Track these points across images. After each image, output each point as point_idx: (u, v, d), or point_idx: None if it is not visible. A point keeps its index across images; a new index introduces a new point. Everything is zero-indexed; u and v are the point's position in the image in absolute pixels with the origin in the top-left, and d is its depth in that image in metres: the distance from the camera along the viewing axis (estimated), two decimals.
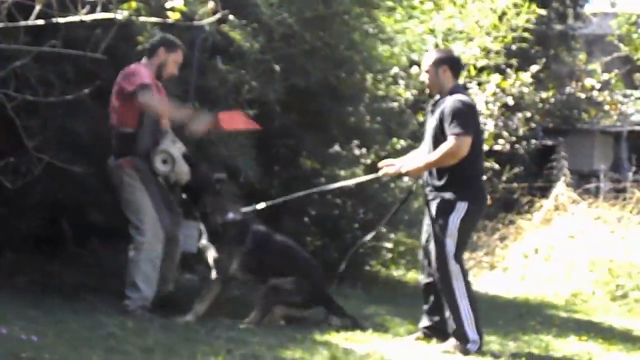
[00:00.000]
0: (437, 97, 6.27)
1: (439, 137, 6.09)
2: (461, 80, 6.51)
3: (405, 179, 9.67)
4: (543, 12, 12.52)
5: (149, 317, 6.23)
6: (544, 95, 15.48)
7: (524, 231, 11.92)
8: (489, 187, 5.89)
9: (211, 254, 6.62)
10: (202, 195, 6.62)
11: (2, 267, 7.15)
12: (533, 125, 15.93)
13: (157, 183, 6.57)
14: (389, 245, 10.12)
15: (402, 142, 9.89)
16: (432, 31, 11.13)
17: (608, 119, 18.72)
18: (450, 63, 6.25)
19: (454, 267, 6.01)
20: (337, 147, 9.20)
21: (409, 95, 11.28)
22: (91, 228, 7.36)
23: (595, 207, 12.07)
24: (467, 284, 6.07)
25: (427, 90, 6.48)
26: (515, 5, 12.07)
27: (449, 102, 6.09)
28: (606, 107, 18.11)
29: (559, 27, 17.39)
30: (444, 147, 6.03)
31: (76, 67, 6.83)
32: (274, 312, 6.58)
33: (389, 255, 10.25)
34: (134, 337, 5.52)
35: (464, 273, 6.08)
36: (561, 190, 12.58)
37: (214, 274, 6.60)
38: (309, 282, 6.69)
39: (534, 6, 12.08)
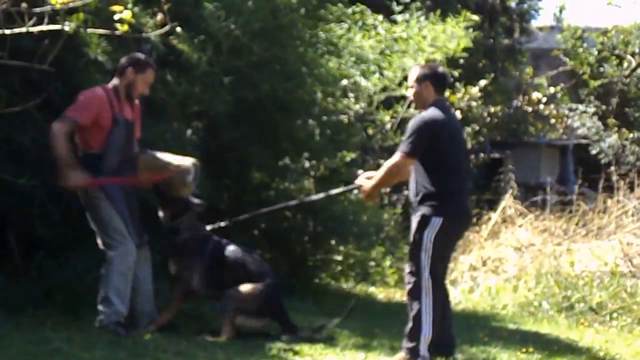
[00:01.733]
0: None
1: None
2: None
3: (355, 191, 9.70)
4: (475, 17, 12.44)
5: (122, 332, 6.20)
6: (491, 109, 15.64)
7: (471, 244, 12.01)
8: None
9: (173, 268, 6.71)
10: (181, 214, 6.72)
11: None
12: (481, 138, 16.08)
13: (126, 203, 6.52)
14: (339, 257, 10.14)
15: (352, 155, 9.92)
16: (379, 42, 11.18)
17: (554, 133, 18.98)
18: (433, 79, 6.27)
19: (426, 282, 6.01)
20: (286, 160, 9.19)
21: (358, 107, 11.32)
22: (37, 241, 7.27)
23: (542, 219, 12.21)
24: (440, 300, 6.08)
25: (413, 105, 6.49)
26: (457, 23, 12.08)
27: (412, 120, 6.18)
28: (552, 121, 18.35)
29: (506, 41, 17.59)
30: (387, 164, 6.18)
31: (23, 79, 6.76)
32: (235, 321, 6.56)
33: (339, 267, 10.26)
34: (81, 352, 5.47)
35: (440, 290, 6.09)
36: (508, 203, 12.70)
37: (176, 287, 6.70)
38: (264, 290, 6.67)
39: (467, 13, 12.08)
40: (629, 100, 18.29)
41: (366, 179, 6.46)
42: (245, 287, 6.61)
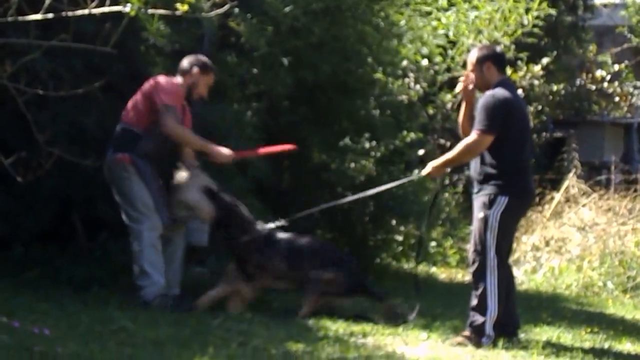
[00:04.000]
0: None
1: None
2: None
3: (416, 171, 9.66)
4: (553, 12, 12.39)
5: (167, 306, 6.29)
6: (554, 87, 15.41)
7: (534, 224, 11.88)
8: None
9: (248, 268, 6.66)
10: (229, 225, 6.66)
11: (13, 261, 7.17)
12: (543, 117, 15.87)
13: (155, 180, 6.60)
14: (400, 238, 10.10)
15: (412, 135, 9.86)
16: (445, 26, 11.11)
17: (618, 111, 18.64)
18: (494, 59, 6.24)
19: (491, 261, 6.02)
20: (346, 141, 9.17)
21: (418, 88, 11.24)
22: (101, 222, 7.38)
23: (606, 199, 12.02)
24: (506, 280, 6.08)
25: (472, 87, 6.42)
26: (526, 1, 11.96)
27: (482, 98, 6.12)
28: (616, 99, 18.03)
29: (569, 18, 17.30)
30: (463, 143, 6.10)
31: (86, 61, 6.85)
32: (320, 302, 6.70)
33: (400, 248, 10.23)
34: (146, 330, 5.54)
35: (504, 269, 6.09)
36: (572, 182, 12.53)
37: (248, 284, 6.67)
38: (346, 272, 6.78)
39: (544, 4, 11.97)
40: None
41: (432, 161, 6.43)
42: (329, 272, 6.67)
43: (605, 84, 17.44)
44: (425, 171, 6.43)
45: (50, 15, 5.11)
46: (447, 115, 12.03)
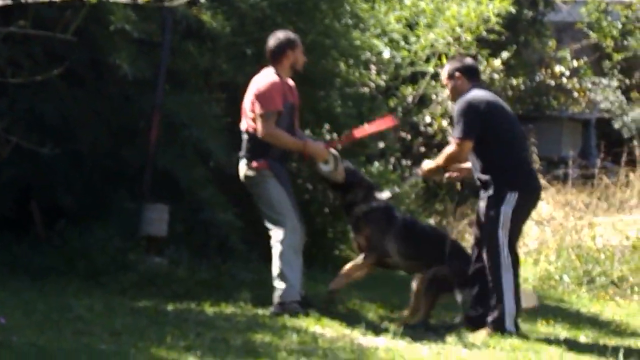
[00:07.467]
0: None
1: None
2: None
3: (376, 164, 9.72)
4: (512, 10, 12.45)
5: (301, 311, 6.30)
6: (514, 82, 15.51)
7: None
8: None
9: (361, 240, 6.72)
10: (352, 189, 6.78)
11: None
12: None
13: (289, 181, 6.68)
14: None
15: None
16: (406, 20, 11.17)
17: (577, 106, 18.82)
18: (463, 69, 6.40)
19: (505, 259, 6.12)
20: (307, 132, 9.17)
21: (380, 80, 11.26)
22: (59, 210, 7.32)
23: (564, 193, 12.15)
24: (516, 276, 6.19)
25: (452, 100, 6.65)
26: None
27: (456, 106, 6.29)
28: (575, 95, 18.20)
29: (529, 13, 17.42)
30: (446, 151, 6.33)
31: (45, 48, 6.79)
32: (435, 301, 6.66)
33: None
34: (102, 319, 5.52)
35: (515, 265, 6.19)
36: None
37: (364, 255, 6.69)
38: (459, 264, 6.65)
39: (506, 2, 12.02)
40: None
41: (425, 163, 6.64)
42: (447, 268, 6.56)
43: (564, 80, 17.59)
44: (419, 171, 6.64)
45: (9, 1, 5.05)
46: (407, 108, 12.06)
